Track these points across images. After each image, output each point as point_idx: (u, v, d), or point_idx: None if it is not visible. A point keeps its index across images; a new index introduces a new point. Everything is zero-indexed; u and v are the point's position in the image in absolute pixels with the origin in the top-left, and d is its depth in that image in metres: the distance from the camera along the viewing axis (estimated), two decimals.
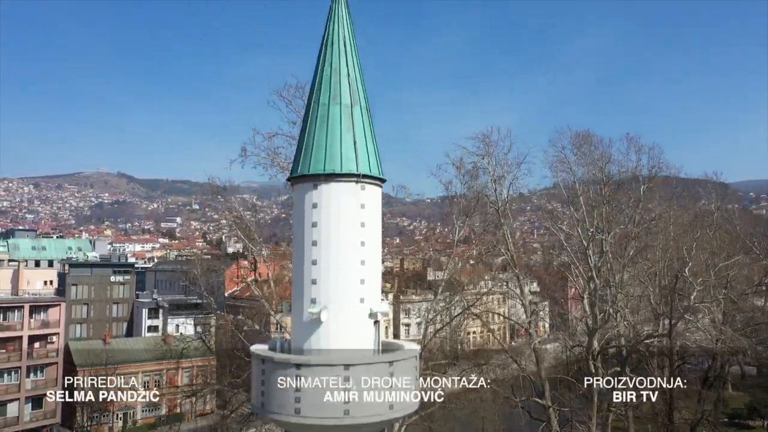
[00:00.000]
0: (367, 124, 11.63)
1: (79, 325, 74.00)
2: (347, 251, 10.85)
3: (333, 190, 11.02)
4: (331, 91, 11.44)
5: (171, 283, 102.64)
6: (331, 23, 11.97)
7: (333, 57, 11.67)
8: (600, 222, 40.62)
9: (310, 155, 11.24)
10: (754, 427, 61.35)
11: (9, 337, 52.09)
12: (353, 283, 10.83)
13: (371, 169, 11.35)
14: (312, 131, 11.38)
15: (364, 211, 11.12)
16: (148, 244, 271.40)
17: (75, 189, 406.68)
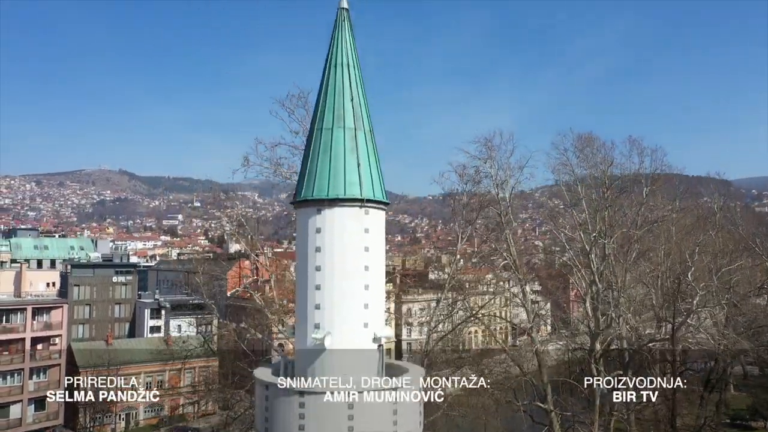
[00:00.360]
0: (371, 147, 11.58)
1: (82, 326, 74.12)
2: (351, 276, 10.82)
3: (337, 215, 10.99)
4: (335, 115, 11.40)
5: (173, 282, 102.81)
6: (334, 45, 11.92)
7: (337, 80, 11.62)
8: (603, 226, 40.56)
9: (314, 180, 11.20)
10: (756, 428, 61.34)
11: (12, 339, 52.17)
12: (357, 309, 10.81)
13: (375, 194, 11.31)
14: (315, 156, 11.34)
15: (368, 235, 11.08)
16: (150, 241, 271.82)
17: (77, 186, 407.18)
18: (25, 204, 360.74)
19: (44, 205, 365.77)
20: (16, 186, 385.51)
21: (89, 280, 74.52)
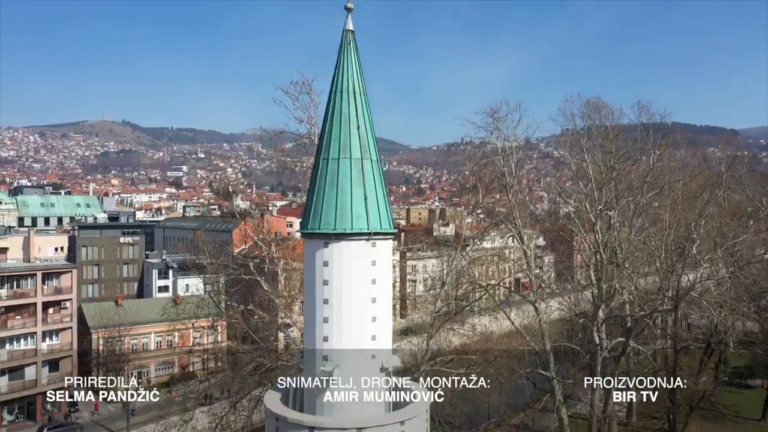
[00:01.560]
0: (377, 176, 11.47)
1: (91, 286, 75.33)
2: (359, 309, 10.92)
3: (344, 248, 10.99)
4: (341, 145, 11.25)
5: (180, 239, 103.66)
6: (340, 70, 11.65)
7: (343, 107, 11.41)
8: (609, 198, 40.44)
9: (321, 213, 11.15)
10: (754, 386, 62.52)
11: (24, 304, 53.07)
12: (365, 340, 10.95)
13: (382, 225, 11.28)
14: (322, 187, 11.25)
15: (375, 267, 11.12)
16: (155, 194, 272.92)
17: (80, 138, 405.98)
18: (30, 156, 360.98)
19: (48, 157, 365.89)
20: (20, 138, 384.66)
21: (97, 241, 75.22)
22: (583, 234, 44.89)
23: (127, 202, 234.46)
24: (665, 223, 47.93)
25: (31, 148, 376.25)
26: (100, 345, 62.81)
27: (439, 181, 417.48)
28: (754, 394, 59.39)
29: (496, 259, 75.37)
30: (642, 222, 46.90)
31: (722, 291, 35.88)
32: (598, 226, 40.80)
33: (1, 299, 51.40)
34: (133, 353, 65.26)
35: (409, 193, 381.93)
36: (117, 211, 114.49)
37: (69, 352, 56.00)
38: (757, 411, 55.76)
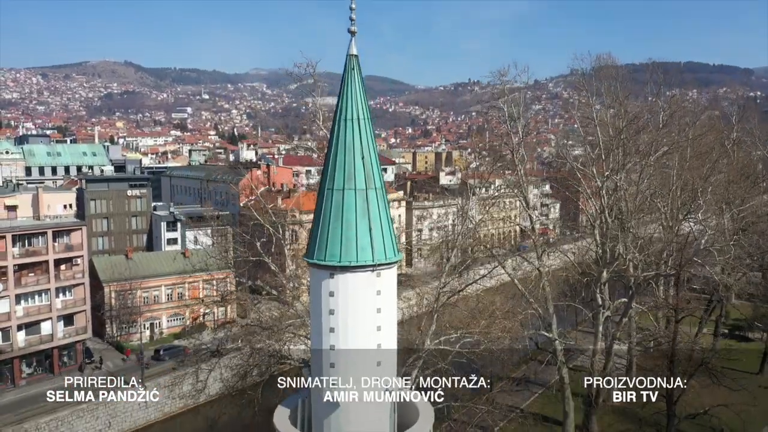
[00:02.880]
0: (382, 206, 11.51)
1: (101, 239, 76.31)
2: (364, 337, 11.20)
3: (349, 279, 11.17)
4: (346, 176, 11.25)
5: (186, 189, 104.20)
6: (344, 98, 11.51)
7: (347, 136, 11.33)
8: (615, 165, 40.17)
9: (326, 244, 11.28)
10: (753, 339, 63.59)
11: (36, 262, 54.01)
12: (370, 367, 11.28)
13: (387, 255, 11.41)
14: (327, 218, 11.33)
15: (380, 297, 11.33)
16: (161, 137, 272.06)
17: (83, 79, 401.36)
18: (33, 98, 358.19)
19: (52, 99, 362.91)
20: (22, 79, 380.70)
21: (104, 194, 75.73)
22: (588, 194, 44.84)
23: (132, 146, 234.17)
24: (672, 184, 47.80)
25: (34, 90, 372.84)
26: (112, 298, 64.24)
27: (446, 122, 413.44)
28: (754, 347, 60.53)
29: (502, 212, 75.16)
30: (649, 183, 46.76)
31: (726, 258, 36.09)
32: (603, 190, 40.73)
33: (14, 257, 52.27)
34: (145, 306, 66.75)
35: (416, 135, 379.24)
36: (123, 160, 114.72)
37: (82, 307, 57.35)
38: (755, 364, 57.02)
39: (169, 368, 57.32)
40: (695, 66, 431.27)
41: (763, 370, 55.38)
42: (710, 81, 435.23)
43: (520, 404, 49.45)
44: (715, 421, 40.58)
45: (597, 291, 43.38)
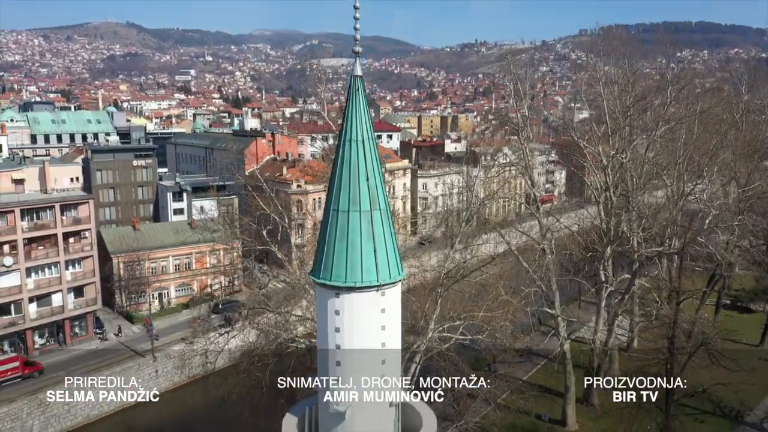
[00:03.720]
0: (386, 225, 11.69)
1: (108, 209, 76.96)
2: (369, 353, 11.54)
3: (354, 299, 11.45)
4: (351, 198, 11.40)
5: (191, 157, 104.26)
6: (348, 119, 11.57)
7: (352, 158, 11.44)
8: (621, 144, 40.00)
9: (331, 265, 11.51)
10: (755, 310, 64.08)
11: (45, 235, 54.63)
12: (374, 381, 11.66)
13: (391, 275, 11.64)
14: (332, 239, 11.54)
15: (384, 314, 11.63)
16: (165, 101, 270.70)
17: (85, 40, 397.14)
18: (35, 60, 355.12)
19: (54, 61, 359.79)
20: (24, 41, 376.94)
21: (110, 165, 76.05)
22: (593, 170, 44.70)
23: (136, 110, 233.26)
24: (678, 157, 47.61)
25: (36, 52, 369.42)
26: (120, 269, 65.11)
27: (452, 84, 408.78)
28: (755, 318, 61.01)
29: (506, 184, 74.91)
30: (655, 157, 46.62)
31: (730, 238, 36.27)
32: (609, 169, 40.67)
33: (23, 231, 52.88)
34: (153, 276, 67.65)
35: (421, 98, 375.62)
36: (127, 127, 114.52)
37: (92, 279, 58.21)
38: (756, 336, 57.62)
39: (178, 339, 58.58)
40: (707, 26, 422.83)
41: (764, 342, 55.93)
42: (722, 42, 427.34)
43: (522, 376, 50.39)
44: (714, 398, 41.50)
45: (600, 267, 43.73)
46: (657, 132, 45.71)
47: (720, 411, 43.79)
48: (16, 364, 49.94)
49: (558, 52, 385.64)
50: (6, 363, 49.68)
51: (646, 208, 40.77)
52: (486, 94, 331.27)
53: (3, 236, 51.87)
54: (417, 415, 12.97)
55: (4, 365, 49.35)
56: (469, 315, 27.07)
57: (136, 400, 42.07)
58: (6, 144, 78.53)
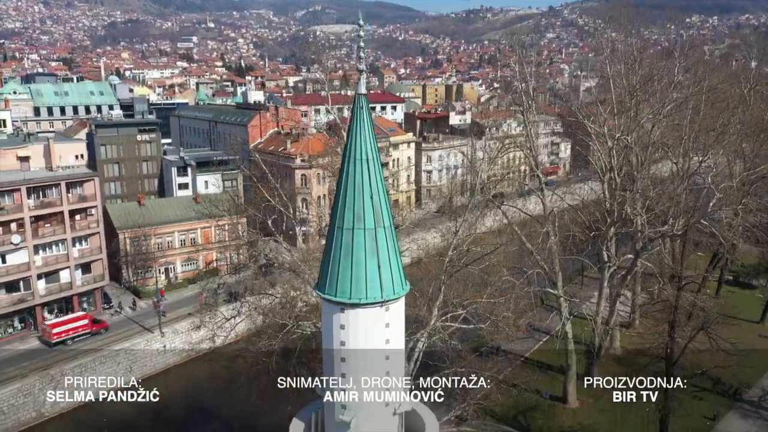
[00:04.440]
0: (390, 242, 11.86)
1: (113, 184, 77.26)
2: (374, 366, 11.85)
3: (359, 315, 11.70)
4: (355, 216, 11.54)
5: (195, 129, 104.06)
6: (353, 138, 11.64)
7: (356, 176, 11.54)
8: (627, 126, 39.79)
9: (336, 281, 11.73)
10: (757, 286, 64.33)
11: (51, 213, 55.03)
12: (379, 392, 12.00)
13: (395, 291, 11.87)
14: (337, 256, 11.72)
15: (388, 329, 11.90)
16: (167, 69, 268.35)
17: (86, 7, 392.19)
18: (36, 27, 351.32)
19: (55, 28, 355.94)
20: (24, 8, 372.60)
21: (114, 140, 76.08)
22: (599, 151, 44.56)
23: (139, 79, 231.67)
24: (684, 134, 47.37)
25: (36, 19, 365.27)
26: (127, 245, 65.68)
27: (457, 51, 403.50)
28: (757, 294, 61.35)
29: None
30: (661, 134, 46.41)
31: (734, 222, 36.37)
32: (614, 151, 40.55)
33: (30, 209, 53.27)
34: (159, 251, 68.23)
35: (426, 65, 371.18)
36: (130, 99, 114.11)
37: (99, 256, 58.82)
38: (757, 312, 58.02)
39: (185, 314, 59.45)
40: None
41: (765, 319, 56.35)
42: (732, 7, 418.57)
43: (525, 353, 51.10)
44: (713, 376, 42.10)
45: (603, 248, 43.95)
46: (663, 110, 45.45)
47: (719, 389, 44.46)
48: (85, 321, 54.17)
49: (565, 18, 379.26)
50: (77, 320, 53.77)
51: (650, 188, 40.69)
52: (491, 62, 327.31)
53: (10, 214, 52.29)
54: (419, 418, 13.35)
55: (75, 322, 53.42)
56: (472, 302, 27.40)
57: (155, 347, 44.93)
58: (9, 118, 78.34)
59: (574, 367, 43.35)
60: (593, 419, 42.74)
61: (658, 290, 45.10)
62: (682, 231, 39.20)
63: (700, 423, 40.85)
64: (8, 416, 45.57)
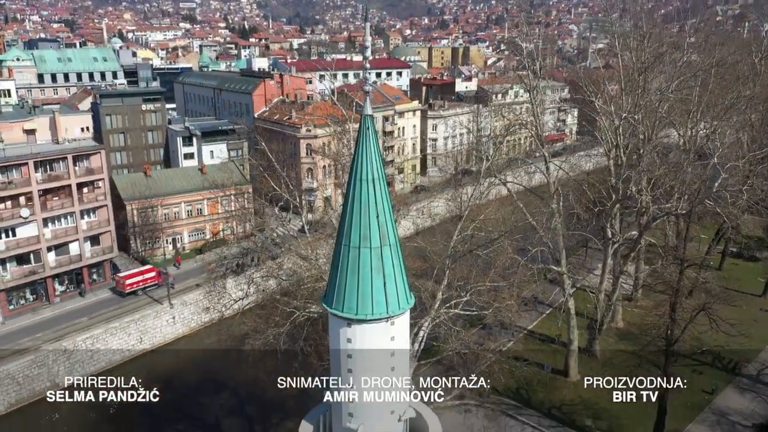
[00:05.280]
0: (396, 260, 12.14)
1: (119, 153, 77.40)
2: (379, 376, 12.30)
3: (366, 329, 12.07)
4: (362, 235, 11.80)
5: (199, 97, 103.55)
6: (359, 158, 11.80)
7: (363, 196, 11.74)
8: (633, 105, 39.51)
9: (343, 297, 12.07)
10: (761, 259, 64.51)
11: (59, 186, 55.44)
12: (384, 401, 12.48)
13: (400, 306, 12.21)
14: (344, 273, 12.03)
15: (394, 342, 12.30)
16: (170, 31, 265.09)
17: None
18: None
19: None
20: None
21: (119, 109, 75.93)
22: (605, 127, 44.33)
23: (141, 41, 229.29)
24: (693, 106, 47.05)
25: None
26: (134, 216, 66.27)
27: (464, 11, 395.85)
28: (759, 267, 61.62)
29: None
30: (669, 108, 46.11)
31: (738, 203, 36.45)
32: (620, 129, 40.39)
33: (38, 183, 53.67)
34: (166, 222, 68.84)
35: (432, 26, 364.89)
36: (134, 65, 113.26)
37: (107, 228, 59.45)
38: (759, 286, 58.42)
39: (193, 285, 60.35)
40: None
41: (767, 293, 56.79)
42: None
43: (528, 325, 51.90)
44: (714, 351, 42.78)
45: (608, 225, 44.20)
46: (672, 85, 45.05)
47: (719, 363, 45.25)
48: (153, 273, 59.25)
49: None
50: (147, 273, 59.07)
51: (657, 165, 40.64)
52: (498, 22, 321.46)
53: (19, 188, 52.72)
54: (422, 421, 13.88)
55: (145, 274, 58.73)
56: (476, 287, 27.82)
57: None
58: (14, 88, 78.09)
59: (576, 342, 44.06)
60: (593, 393, 43.68)
61: (661, 265, 45.50)
62: (686, 210, 39.31)
63: (699, 397, 41.71)
64: (23, 386, 46.86)
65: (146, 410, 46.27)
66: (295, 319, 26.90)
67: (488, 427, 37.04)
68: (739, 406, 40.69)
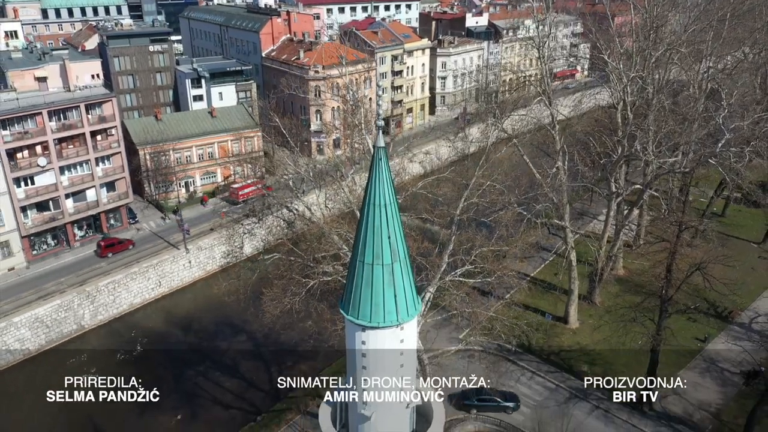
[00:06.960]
0: (405, 273, 13.45)
1: (129, 96, 77.78)
2: (390, 373, 13.94)
3: (378, 335, 13.57)
4: (374, 253, 13.06)
5: (206, 33, 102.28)
6: (372, 186, 12.89)
7: (375, 220, 12.91)
8: (642, 68, 39.53)
9: (358, 305, 13.50)
10: (764, 205, 65.13)
11: (73, 135, 56.40)
12: (395, 392, 14.17)
13: (409, 314, 13.65)
14: (359, 286, 13.40)
15: (402, 344, 13.82)
16: None
17: None
18: None
19: None
20: None
21: (127, 50, 75.70)
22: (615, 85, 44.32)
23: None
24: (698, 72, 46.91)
25: None
26: (147, 161, 67.43)
27: None
28: (761, 215, 62.45)
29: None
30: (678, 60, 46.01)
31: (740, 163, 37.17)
32: (629, 88, 40.58)
33: (53, 132, 54.63)
34: (179, 165, 70.01)
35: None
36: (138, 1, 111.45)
37: (122, 174, 60.77)
38: (760, 233, 59.59)
39: (208, 229, 62.23)
40: None
41: (767, 241, 58.00)
42: None
43: (531, 272, 53.71)
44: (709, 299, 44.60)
45: (612, 179, 45.07)
46: (684, 36, 44.75)
47: (713, 311, 47.17)
48: (259, 186, 66.95)
49: None
50: (254, 185, 68.07)
51: (662, 122, 41.12)
52: None
53: (34, 138, 53.76)
54: (428, 405, 15.65)
55: (253, 187, 67.92)
56: (480, 252, 29.23)
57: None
58: (21, 29, 77.63)
59: (576, 291, 45.88)
60: (591, 339, 45.92)
61: (663, 216, 46.70)
62: (691, 168, 40.11)
63: (692, 345, 43.87)
64: (52, 329, 49.66)
65: (167, 354, 49.46)
66: (312, 287, 28.51)
67: (488, 370, 39.04)
68: (729, 354, 42.65)
